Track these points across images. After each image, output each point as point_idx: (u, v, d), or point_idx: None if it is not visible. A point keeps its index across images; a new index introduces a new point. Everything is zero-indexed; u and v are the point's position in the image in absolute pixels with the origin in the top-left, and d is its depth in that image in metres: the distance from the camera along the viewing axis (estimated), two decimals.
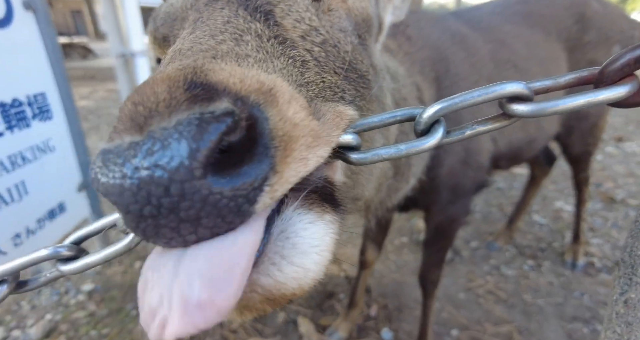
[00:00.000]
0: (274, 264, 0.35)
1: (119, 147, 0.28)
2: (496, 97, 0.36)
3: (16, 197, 1.50)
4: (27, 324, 1.70)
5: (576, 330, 1.68)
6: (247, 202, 0.30)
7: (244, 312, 0.36)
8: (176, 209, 0.27)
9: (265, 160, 0.30)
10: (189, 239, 0.29)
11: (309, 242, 0.36)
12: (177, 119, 0.27)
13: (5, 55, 1.47)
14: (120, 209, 0.28)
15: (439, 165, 1.12)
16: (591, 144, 1.80)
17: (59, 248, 0.46)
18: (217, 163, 0.28)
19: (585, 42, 1.50)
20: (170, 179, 0.26)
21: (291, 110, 0.34)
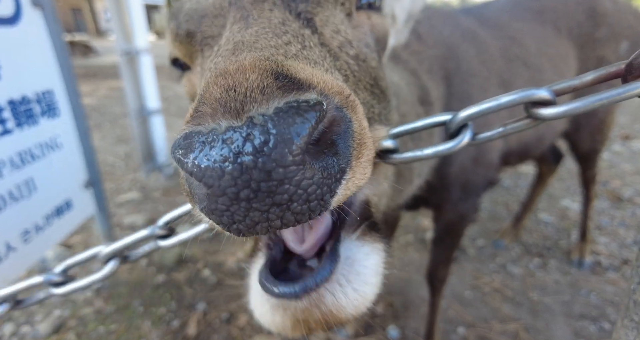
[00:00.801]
0: (341, 286, 0.37)
1: (215, 131, 0.28)
2: (522, 102, 0.38)
3: (25, 194, 1.50)
4: (36, 320, 1.72)
5: (583, 328, 1.68)
6: (329, 191, 0.31)
7: (297, 327, 0.38)
8: (273, 192, 0.28)
9: (346, 156, 0.32)
10: (274, 224, 0.30)
11: (369, 272, 0.40)
12: (276, 106, 0.28)
13: (14, 53, 1.47)
14: (215, 192, 0.28)
15: (449, 163, 1.12)
16: (599, 141, 1.79)
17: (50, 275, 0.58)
18: (309, 152, 0.30)
19: (595, 38, 1.49)
20: (275, 164, 0.27)
21: (365, 122, 0.37)
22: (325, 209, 0.32)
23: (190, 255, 2.17)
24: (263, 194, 0.28)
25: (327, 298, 0.36)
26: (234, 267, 2.08)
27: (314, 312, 0.36)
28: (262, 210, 0.29)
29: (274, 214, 0.30)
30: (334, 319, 0.37)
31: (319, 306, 0.36)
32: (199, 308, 1.80)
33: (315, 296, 0.36)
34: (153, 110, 2.95)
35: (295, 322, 0.38)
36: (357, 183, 0.35)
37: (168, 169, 3.23)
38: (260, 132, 0.27)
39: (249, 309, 0.44)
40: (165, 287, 1.93)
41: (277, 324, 0.39)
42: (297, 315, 0.37)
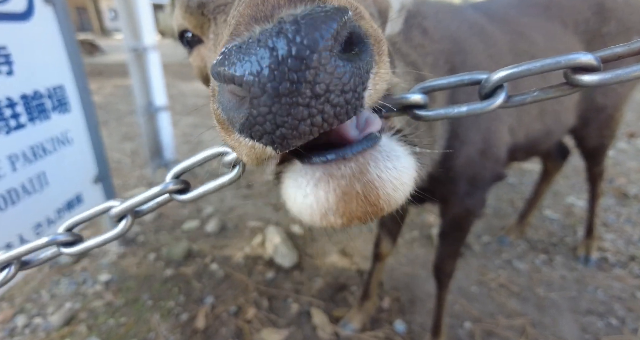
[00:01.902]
0: (384, 159, 0.37)
1: (251, 38, 0.30)
2: (563, 67, 0.37)
3: (37, 188, 1.53)
4: (48, 312, 1.74)
5: (591, 324, 1.68)
6: (361, 83, 0.32)
7: (340, 208, 0.37)
8: (310, 81, 0.29)
9: (368, 50, 0.33)
10: (316, 121, 0.31)
11: (405, 161, 0.39)
12: (304, 7, 0.30)
13: (26, 48, 1.50)
14: (254, 93, 0.29)
15: (455, 156, 1.12)
16: (607, 137, 1.79)
17: (56, 235, 0.53)
18: (339, 46, 0.30)
19: (604, 33, 1.49)
20: (307, 50, 0.28)
21: (375, 25, 0.37)
22: (361, 103, 0.33)
23: (198, 249, 2.20)
24: (301, 85, 0.29)
25: (371, 164, 0.36)
26: (241, 261, 2.10)
27: (359, 183, 0.36)
28: (304, 104, 0.30)
29: (315, 108, 0.30)
30: (374, 196, 0.36)
31: (365, 173, 0.36)
32: (207, 302, 1.82)
33: (361, 159, 0.36)
34: (160, 107, 2.98)
35: (340, 198, 0.36)
36: (383, 78, 0.35)
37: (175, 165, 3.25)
38: (291, 26, 0.28)
39: (287, 206, 0.42)
40: (173, 281, 1.95)
41: (319, 201, 0.37)
42: (343, 185, 0.36)
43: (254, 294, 1.86)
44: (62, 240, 0.54)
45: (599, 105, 1.62)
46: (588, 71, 0.36)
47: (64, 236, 0.54)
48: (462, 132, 1.11)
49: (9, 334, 1.63)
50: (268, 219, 2.48)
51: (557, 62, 0.36)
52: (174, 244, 2.19)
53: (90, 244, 0.54)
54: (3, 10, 1.40)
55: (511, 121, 1.26)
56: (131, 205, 0.52)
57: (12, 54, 1.43)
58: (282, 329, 1.67)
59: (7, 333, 1.63)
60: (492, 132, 1.19)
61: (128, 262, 2.10)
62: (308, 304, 1.81)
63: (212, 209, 2.61)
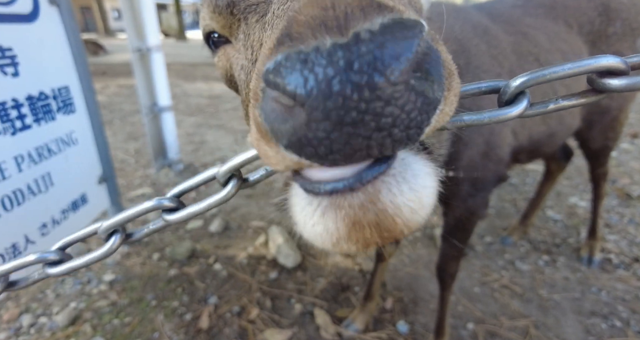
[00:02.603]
0: (397, 183, 0.33)
1: (320, 49, 0.26)
2: (588, 71, 0.35)
3: (43, 188, 1.54)
4: (53, 312, 1.76)
5: (594, 326, 1.68)
6: (427, 119, 0.29)
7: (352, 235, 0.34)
8: (379, 114, 0.26)
9: (442, 84, 0.31)
10: (372, 152, 0.29)
11: (426, 178, 0.35)
12: (381, 22, 0.26)
13: (32, 49, 1.51)
14: (315, 117, 0.26)
15: (459, 158, 1.12)
16: (611, 139, 1.78)
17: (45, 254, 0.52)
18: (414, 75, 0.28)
19: (610, 33, 1.48)
20: (383, 81, 0.25)
21: (446, 54, 0.34)
22: (418, 138, 0.30)
23: (202, 249, 2.21)
24: (369, 116, 0.26)
25: (383, 192, 0.32)
26: (244, 261, 2.10)
27: (370, 212, 0.32)
28: (364, 136, 0.27)
29: (375, 141, 0.28)
30: (389, 223, 0.33)
31: (375, 202, 0.32)
32: (211, 302, 1.83)
33: (371, 189, 0.32)
34: (164, 107, 2.99)
35: (350, 227, 0.34)
36: (447, 115, 0.32)
37: (178, 165, 3.27)
38: (370, 48, 0.25)
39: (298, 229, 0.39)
40: (177, 281, 1.97)
41: (329, 231, 0.35)
42: (352, 215, 0.33)
43: (257, 294, 1.87)
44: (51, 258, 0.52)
45: (603, 107, 1.62)
46: (615, 75, 0.35)
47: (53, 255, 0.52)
48: (465, 135, 1.11)
49: (15, 333, 1.64)
50: (271, 219, 2.49)
51: (583, 65, 0.34)
52: (178, 244, 2.20)
53: (77, 263, 0.52)
54: (9, 11, 1.41)
55: (515, 124, 1.26)
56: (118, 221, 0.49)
57: (18, 55, 1.44)
58: (285, 329, 1.68)
59: (12, 332, 1.64)
60: (495, 134, 1.19)
61: (132, 261, 2.11)
62: (311, 304, 1.82)
63: (215, 208, 2.62)
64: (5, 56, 1.41)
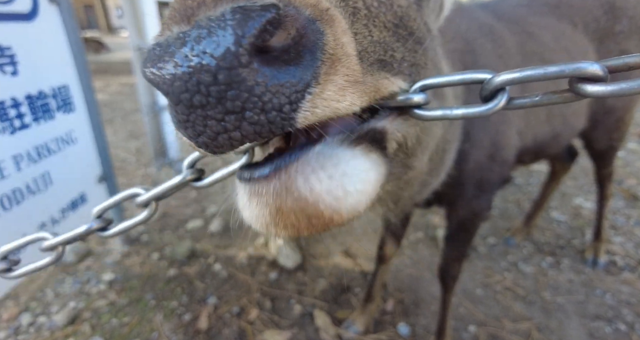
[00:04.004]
0: (313, 171, 0.34)
1: (168, 38, 0.28)
2: (567, 76, 0.35)
3: (42, 187, 1.53)
4: (52, 311, 1.75)
5: (598, 329, 1.65)
6: (288, 103, 0.30)
7: (278, 221, 0.36)
8: (223, 97, 0.28)
9: (310, 67, 0.31)
10: (234, 136, 0.30)
11: (352, 167, 0.36)
12: (223, 9, 0.28)
13: (31, 48, 1.50)
14: (171, 99, 0.29)
15: (466, 159, 1.10)
16: (617, 139, 1.75)
17: (91, 223, 0.57)
18: (263, 58, 0.28)
19: (616, 31, 1.45)
20: (218, 66, 0.27)
21: (345, 38, 0.34)
22: (290, 123, 0.30)
23: (202, 249, 2.20)
24: (213, 99, 0.28)
25: (298, 181, 0.34)
26: (244, 262, 2.09)
27: (286, 198, 0.34)
28: (217, 119, 0.29)
29: (230, 124, 0.29)
30: (313, 210, 0.34)
31: (290, 189, 0.34)
32: (210, 302, 1.82)
33: (284, 177, 0.34)
34: (165, 106, 2.98)
35: (272, 212, 0.35)
36: (332, 104, 0.32)
37: (179, 164, 3.26)
38: (204, 33, 0.27)
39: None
40: (176, 280, 1.96)
41: (256, 215, 0.37)
42: (270, 202, 0.35)
43: (257, 295, 1.86)
44: (98, 226, 0.58)
45: (608, 107, 1.59)
46: (594, 81, 0.35)
47: (98, 223, 0.58)
48: (473, 135, 1.09)
49: (14, 332, 1.64)
50: None
51: (561, 70, 0.35)
52: (178, 244, 2.19)
53: (122, 226, 0.57)
54: (8, 10, 1.40)
55: (520, 124, 1.24)
56: (155, 194, 0.54)
57: (17, 54, 1.43)
58: (284, 330, 1.67)
59: (12, 331, 1.64)
60: (501, 135, 1.17)
61: (132, 261, 2.10)
62: (311, 306, 1.80)
63: (216, 208, 2.61)
64: (5, 55, 1.39)
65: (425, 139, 0.63)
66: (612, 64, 0.35)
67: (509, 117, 1.19)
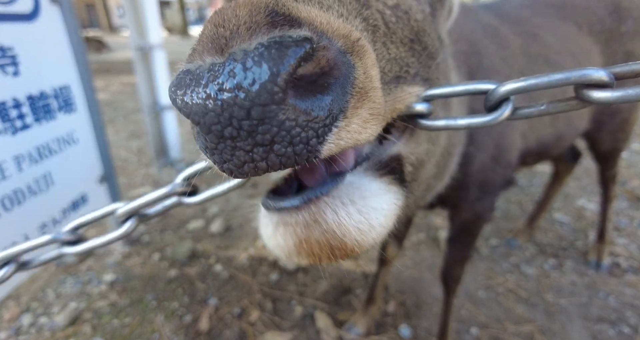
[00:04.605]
0: (343, 204, 0.35)
1: (201, 68, 0.28)
2: (575, 83, 0.35)
3: (43, 188, 1.53)
4: (53, 311, 1.75)
5: (602, 332, 1.64)
6: (316, 136, 0.30)
7: (301, 250, 0.36)
8: (254, 131, 0.28)
9: (340, 101, 0.31)
10: (261, 166, 0.30)
11: (377, 200, 0.37)
12: (258, 42, 0.27)
13: (32, 49, 1.49)
14: (202, 129, 0.29)
15: (470, 162, 1.10)
16: (621, 140, 1.74)
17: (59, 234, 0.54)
18: (294, 90, 0.29)
19: (622, 32, 1.44)
20: (252, 103, 0.27)
21: (374, 71, 0.34)
22: (315, 155, 0.31)
23: (203, 250, 2.19)
24: (245, 132, 0.28)
25: (327, 213, 0.34)
26: (245, 262, 2.09)
27: (315, 229, 0.35)
28: (246, 150, 0.30)
29: (258, 155, 0.30)
30: (338, 242, 0.35)
31: (319, 222, 0.34)
32: (211, 303, 1.81)
33: (314, 209, 0.35)
34: (166, 105, 2.98)
35: (298, 243, 0.36)
36: (355, 135, 0.33)
37: (180, 164, 3.25)
38: (239, 67, 0.27)
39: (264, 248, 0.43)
40: (177, 281, 1.95)
41: (281, 244, 0.38)
42: (298, 233, 0.35)
43: (258, 296, 1.85)
44: (65, 238, 0.54)
45: (613, 108, 1.58)
46: (599, 87, 0.35)
47: (67, 235, 0.55)
48: (478, 138, 1.08)
49: (15, 332, 1.64)
50: None
51: (567, 78, 0.35)
52: (179, 244, 2.19)
53: (94, 243, 0.54)
54: (9, 11, 1.40)
55: (523, 127, 1.23)
56: (136, 206, 0.53)
57: (18, 54, 1.43)
58: (285, 331, 1.66)
59: (13, 332, 1.64)
60: (505, 138, 1.16)
61: (133, 261, 2.10)
62: (312, 307, 1.80)
63: (217, 208, 2.61)
64: (6, 55, 1.39)
65: (432, 150, 0.63)
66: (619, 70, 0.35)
67: None
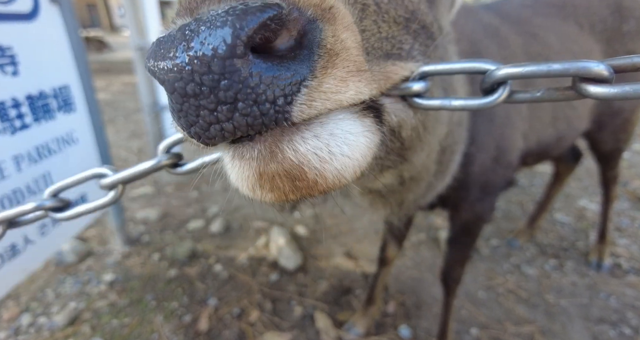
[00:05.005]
0: (299, 132, 0.34)
1: (171, 32, 0.29)
2: (574, 75, 0.34)
3: (42, 188, 1.52)
4: (53, 311, 1.75)
5: (602, 333, 1.63)
6: (283, 95, 0.30)
7: (264, 185, 0.36)
8: (216, 87, 0.28)
9: (306, 62, 0.31)
10: (227, 127, 0.30)
11: (341, 128, 0.35)
12: (225, 5, 0.28)
13: (32, 48, 1.49)
14: (166, 88, 0.30)
15: (471, 162, 1.09)
16: (623, 141, 1.73)
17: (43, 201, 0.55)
18: (260, 53, 0.29)
19: (623, 32, 1.43)
20: (213, 56, 0.27)
21: (345, 34, 0.34)
22: (285, 117, 0.31)
23: (202, 250, 2.19)
24: (206, 88, 0.28)
25: (284, 141, 0.33)
26: (245, 262, 2.08)
27: (271, 161, 0.34)
28: (210, 109, 0.29)
29: (223, 114, 0.29)
30: (298, 172, 0.34)
31: (275, 151, 0.33)
32: (211, 303, 1.81)
33: (270, 138, 0.33)
34: (166, 105, 2.97)
35: (258, 175, 0.35)
36: (332, 96, 0.32)
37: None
38: (205, 27, 0.27)
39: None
40: (177, 281, 1.95)
41: (242, 178, 0.37)
42: (255, 165, 0.34)
43: (258, 296, 1.85)
44: (50, 205, 0.55)
45: (615, 108, 1.57)
46: (597, 82, 0.34)
47: (51, 202, 0.56)
48: (478, 138, 1.08)
49: (14, 332, 1.64)
50: (273, 220, 2.46)
51: (566, 69, 0.34)
52: (179, 244, 2.19)
53: (81, 209, 0.55)
54: (8, 10, 1.39)
55: (524, 127, 1.23)
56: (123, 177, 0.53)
57: (18, 54, 1.42)
58: (285, 332, 1.66)
59: (12, 332, 1.64)
60: (506, 139, 1.16)
61: (132, 261, 2.10)
62: (312, 307, 1.79)
63: (217, 208, 2.60)
64: (5, 55, 1.39)
65: (425, 135, 0.61)
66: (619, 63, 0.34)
67: (514, 120, 1.17)
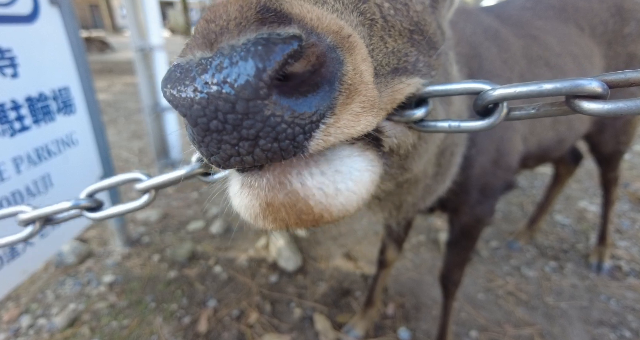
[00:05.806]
0: (307, 168, 0.35)
1: (190, 62, 0.29)
2: (567, 94, 0.34)
3: (42, 189, 1.53)
4: (52, 313, 1.75)
5: (603, 336, 1.63)
6: (302, 133, 0.31)
7: (268, 214, 0.36)
8: (239, 125, 0.29)
9: (327, 99, 0.31)
10: (247, 159, 0.31)
11: (347, 165, 0.37)
12: (246, 38, 0.28)
13: (32, 50, 1.49)
14: (189, 121, 0.30)
15: (471, 165, 1.09)
16: (623, 143, 1.72)
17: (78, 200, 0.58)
18: (281, 87, 0.29)
19: (624, 34, 1.43)
20: (237, 96, 0.28)
21: (364, 66, 0.34)
22: (302, 150, 0.31)
23: (202, 251, 2.19)
24: (230, 126, 0.29)
25: (292, 174, 0.35)
26: (245, 264, 2.08)
27: (279, 191, 0.35)
28: (232, 144, 0.30)
29: (244, 149, 0.30)
30: (303, 206, 0.35)
31: (284, 183, 0.34)
32: (210, 305, 1.81)
33: (279, 171, 0.35)
34: (167, 106, 2.98)
35: (264, 206, 0.36)
36: (345, 131, 0.33)
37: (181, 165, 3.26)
38: (226, 62, 0.27)
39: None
40: (177, 283, 1.95)
41: (246, 207, 0.37)
42: (263, 195, 0.35)
43: (257, 298, 1.85)
44: (85, 205, 0.58)
45: None
46: (593, 98, 0.34)
47: (86, 201, 0.58)
48: (479, 141, 1.07)
49: (14, 334, 1.64)
50: None
51: (558, 88, 0.34)
52: (178, 245, 2.19)
53: (114, 211, 0.57)
54: (8, 12, 1.39)
55: (524, 130, 1.22)
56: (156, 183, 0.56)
57: (17, 56, 1.43)
58: (284, 334, 1.66)
59: (12, 333, 1.64)
60: (506, 142, 1.15)
61: (132, 262, 2.10)
62: (311, 309, 1.79)
63: (217, 209, 2.60)
64: (5, 57, 1.39)
65: (423, 145, 0.62)
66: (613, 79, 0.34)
67: (514, 123, 1.17)
